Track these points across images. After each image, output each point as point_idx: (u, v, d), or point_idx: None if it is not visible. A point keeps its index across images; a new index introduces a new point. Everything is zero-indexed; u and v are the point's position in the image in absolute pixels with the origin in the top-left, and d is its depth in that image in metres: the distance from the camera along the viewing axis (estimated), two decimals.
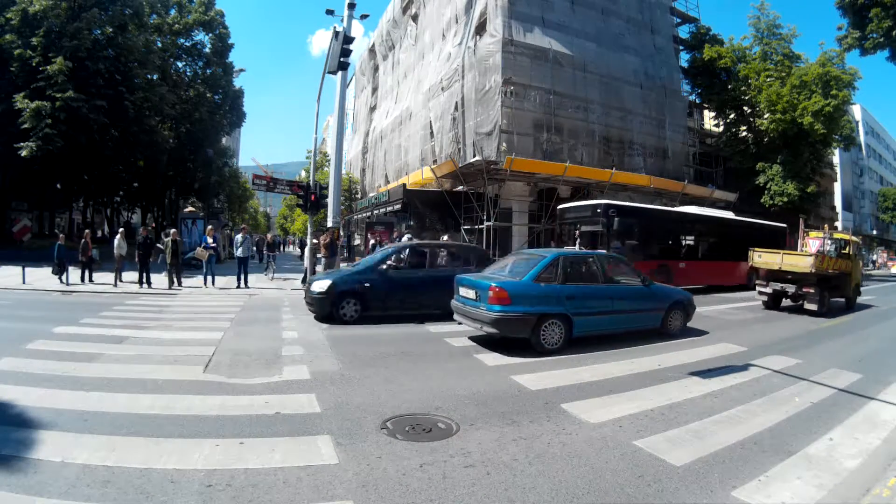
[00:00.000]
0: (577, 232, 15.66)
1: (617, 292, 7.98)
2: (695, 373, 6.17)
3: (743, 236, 18.70)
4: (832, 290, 12.32)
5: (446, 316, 8.36)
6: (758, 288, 13.06)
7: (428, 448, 3.77)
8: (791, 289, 12.03)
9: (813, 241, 15.45)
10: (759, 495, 3.23)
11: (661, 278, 13.77)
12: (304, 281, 14.86)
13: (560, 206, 17.30)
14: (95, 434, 3.76)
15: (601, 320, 7.67)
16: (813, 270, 11.47)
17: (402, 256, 9.93)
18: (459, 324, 7.88)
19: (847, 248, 13.77)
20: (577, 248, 14.94)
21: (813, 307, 11.75)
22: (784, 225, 21.83)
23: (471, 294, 7.36)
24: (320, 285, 9.15)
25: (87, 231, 15.91)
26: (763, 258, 12.63)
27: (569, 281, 7.33)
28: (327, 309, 8.95)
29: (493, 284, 6.89)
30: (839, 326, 10.86)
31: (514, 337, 6.98)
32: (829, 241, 14.37)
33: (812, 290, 11.71)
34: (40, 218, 29.75)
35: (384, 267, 9.48)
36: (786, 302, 12.89)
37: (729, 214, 20.57)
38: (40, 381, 4.93)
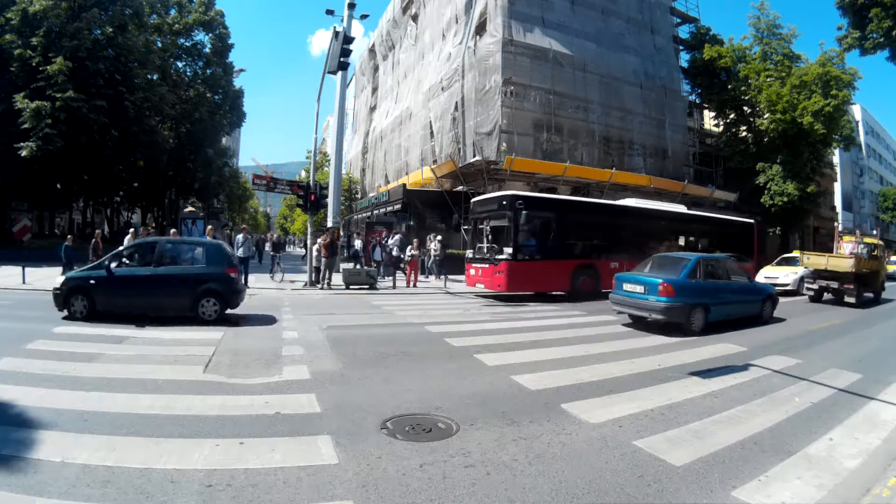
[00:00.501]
0: (486, 227, 14.01)
1: (735, 287, 10.18)
2: (695, 373, 6.17)
3: (702, 234, 17.85)
4: (865, 286, 14.48)
5: (186, 320, 8.39)
6: (805, 284, 15.39)
7: (428, 448, 3.77)
8: (834, 285, 14.15)
9: (847, 245, 17.04)
10: (759, 495, 3.23)
11: (585, 280, 13.70)
12: (314, 282, 14.84)
13: (473, 199, 15.61)
14: (95, 434, 3.76)
15: (727, 309, 9.73)
16: (853, 270, 13.54)
17: (134, 252, 9.28)
18: (620, 313, 9.97)
19: (875, 251, 16.01)
20: (485, 244, 13.72)
21: (851, 300, 13.85)
22: (752, 221, 19.61)
23: (638, 289, 9.26)
24: (59, 280, 8.81)
25: (98, 231, 15.88)
26: (811, 260, 14.89)
27: (707, 278, 9.41)
28: (60, 303, 8.55)
29: (663, 281, 8.83)
30: (839, 326, 10.87)
31: (672, 322, 8.83)
32: (861, 245, 16.28)
33: (851, 287, 13.80)
34: (40, 218, 29.73)
35: (113, 264, 8.79)
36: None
37: (680, 208, 18.71)
38: (40, 381, 4.93)
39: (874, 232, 59.31)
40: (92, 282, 8.61)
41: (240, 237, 15.18)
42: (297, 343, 7.23)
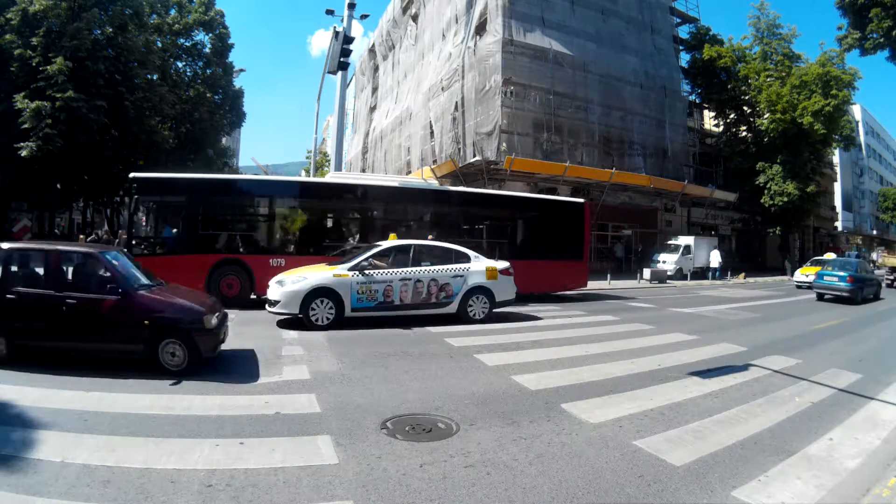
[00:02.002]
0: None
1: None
2: (695, 373, 6.17)
3: (469, 219, 13.61)
4: None
5: None
6: (885, 277, 20.95)
7: (428, 448, 3.77)
8: None
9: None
10: (759, 495, 3.23)
11: (230, 280, 10.57)
12: None
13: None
14: (95, 434, 3.76)
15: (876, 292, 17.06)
16: None
17: None
18: (824, 297, 15.62)
19: None
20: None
21: None
22: (580, 200, 14.96)
23: (834, 279, 15.49)
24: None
25: (121, 231, 15.67)
26: (888, 259, 20.01)
27: (859, 271, 16.01)
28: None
29: (851, 275, 15.30)
30: (839, 326, 10.87)
31: (847, 297, 14.87)
32: None
33: None
34: (40, 218, 29.70)
35: None
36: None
37: (413, 182, 15.28)
38: (40, 382, 4.93)
39: (874, 232, 59.42)
40: None
41: None
42: (297, 343, 7.23)
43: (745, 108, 29.93)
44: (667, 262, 22.82)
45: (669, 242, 24.63)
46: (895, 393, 5.68)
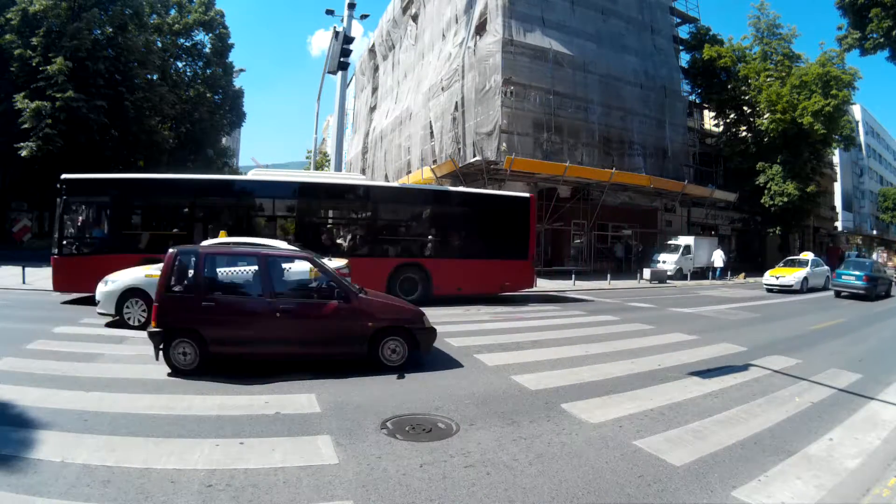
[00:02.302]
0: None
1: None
2: (695, 373, 6.17)
3: (382, 219, 12.62)
4: None
5: None
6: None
7: (428, 448, 3.77)
8: None
9: None
10: (759, 495, 3.23)
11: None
12: None
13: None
14: (95, 434, 3.76)
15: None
16: None
17: None
18: (841, 294, 16.90)
19: None
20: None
21: None
22: (526, 195, 13.59)
23: (852, 278, 16.74)
24: None
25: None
26: None
27: (874, 271, 17.31)
28: None
29: (866, 274, 16.53)
30: (839, 326, 10.87)
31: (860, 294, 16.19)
32: None
33: None
34: (40, 218, 29.69)
35: None
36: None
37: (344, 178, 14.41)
38: (40, 381, 4.93)
39: (874, 232, 59.42)
40: None
41: None
42: None
43: (745, 108, 29.92)
44: (667, 262, 22.82)
45: (669, 242, 24.62)
46: (895, 393, 5.68)
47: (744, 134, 30.46)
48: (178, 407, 4.41)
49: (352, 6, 15.83)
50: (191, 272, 5.62)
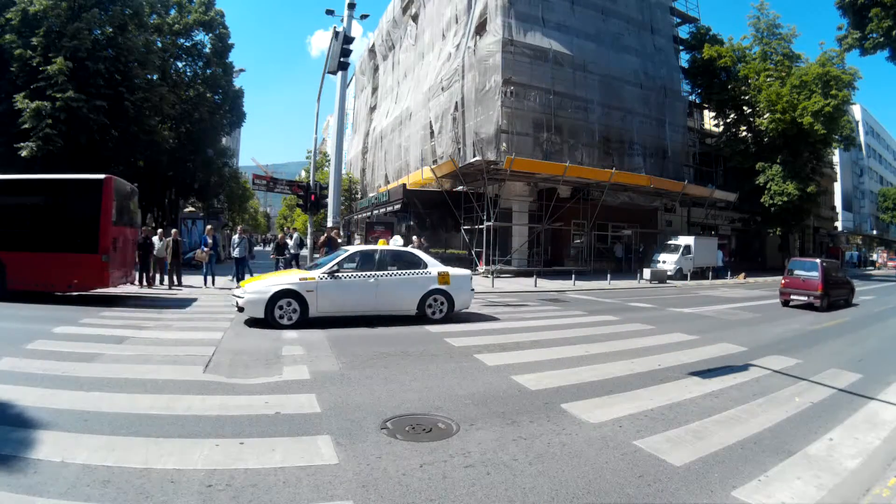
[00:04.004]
0: None
1: None
2: (695, 373, 6.17)
3: None
4: None
5: None
6: None
7: (428, 448, 3.77)
8: None
9: None
10: (759, 495, 3.23)
11: None
12: None
13: None
14: (95, 434, 3.76)
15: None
16: None
17: None
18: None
19: None
20: None
21: None
22: (99, 177, 10.93)
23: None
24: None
25: (174, 230, 15.21)
26: None
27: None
28: None
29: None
30: (839, 326, 10.87)
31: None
32: None
33: None
34: None
35: None
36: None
37: None
38: (40, 381, 4.93)
39: (874, 232, 59.40)
40: None
41: (235, 238, 15.16)
42: (297, 343, 7.23)
43: (745, 108, 29.93)
44: (667, 262, 22.83)
45: (669, 242, 24.63)
46: (895, 393, 5.68)
47: (744, 134, 30.48)
48: (178, 407, 4.41)
49: (352, 6, 15.81)
50: None
